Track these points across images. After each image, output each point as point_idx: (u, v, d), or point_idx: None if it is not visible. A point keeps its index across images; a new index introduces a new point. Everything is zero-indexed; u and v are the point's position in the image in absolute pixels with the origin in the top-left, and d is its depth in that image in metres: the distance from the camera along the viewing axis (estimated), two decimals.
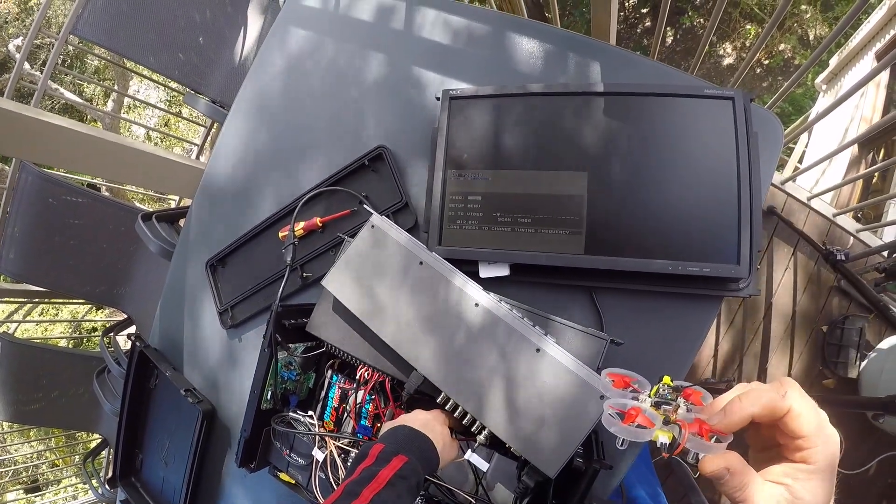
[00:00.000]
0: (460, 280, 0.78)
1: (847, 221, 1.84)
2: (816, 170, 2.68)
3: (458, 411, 0.74)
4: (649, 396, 0.47)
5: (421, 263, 0.79)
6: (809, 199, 1.81)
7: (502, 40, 1.01)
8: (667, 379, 0.47)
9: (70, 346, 4.17)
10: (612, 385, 0.50)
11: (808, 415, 0.39)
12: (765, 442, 0.43)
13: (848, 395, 1.82)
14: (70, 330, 4.52)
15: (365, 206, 1.00)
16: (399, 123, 1.06)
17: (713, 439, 0.41)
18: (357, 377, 0.86)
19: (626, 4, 4.46)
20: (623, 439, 0.45)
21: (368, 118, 1.09)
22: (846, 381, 1.83)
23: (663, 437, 0.43)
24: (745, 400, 0.40)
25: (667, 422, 0.44)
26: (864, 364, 1.79)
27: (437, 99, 0.94)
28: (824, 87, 3.48)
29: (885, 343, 1.77)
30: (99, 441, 2.18)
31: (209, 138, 2.46)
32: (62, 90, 5.82)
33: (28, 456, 3.74)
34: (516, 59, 0.99)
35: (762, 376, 1.87)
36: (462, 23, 1.04)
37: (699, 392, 0.45)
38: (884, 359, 1.73)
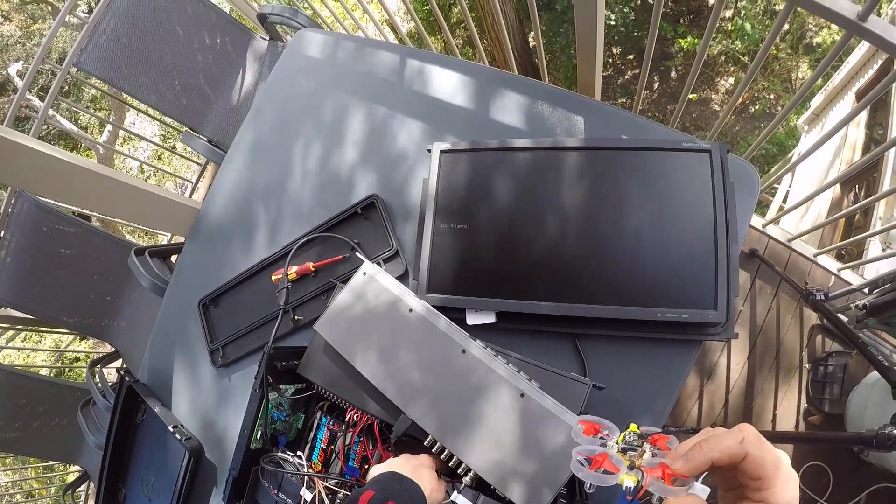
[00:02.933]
0: (448, 327, 0.80)
1: (828, 261, 1.89)
2: (800, 209, 2.74)
3: (444, 454, 0.76)
4: (617, 443, 0.50)
5: (410, 310, 0.82)
6: (790, 240, 1.86)
7: (492, 95, 1.06)
8: (633, 427, 0.50)
9: (52, 374, 4.10)
10: (582, 432, 0.52)
11: (765, 458, 0.42)
12: (730, 483, 0.46)
13: (833, 431, 1.83)
14: (53, 359, 4.45)
15: (357, 252, 1.03)
16: (391, 173, 1.10)
17: (677, 483, 0.44)
18: (346, 419, 0.87)
19: (614, 52, 4.61)
20: (591, 483, 0.48)
21: (362, 167, 1.13)
22: (832, 417, 1.84)
23: (629, 481, 0.45)
24: (706, 446, 0.43)
25: (632, 467, 0.47)
26: (848, 399, 1.81)
27: (429, 151, 0.97)
28: (806, 127, 3.57)
29: (869, 378, 1.79)
30: (79, 473, 2.13)
31: (202, 176, 2.49)
32: (58, 117, 5.86)
33: (3, 484, 3.64)
34: (505, 113, 1.04)
35: (748, 415, 1.89)
36: (455, 77, 1.10)
37: (666, 438, 0.49)
38: (868, 394, 1.75)
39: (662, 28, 3.92)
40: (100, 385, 1.60)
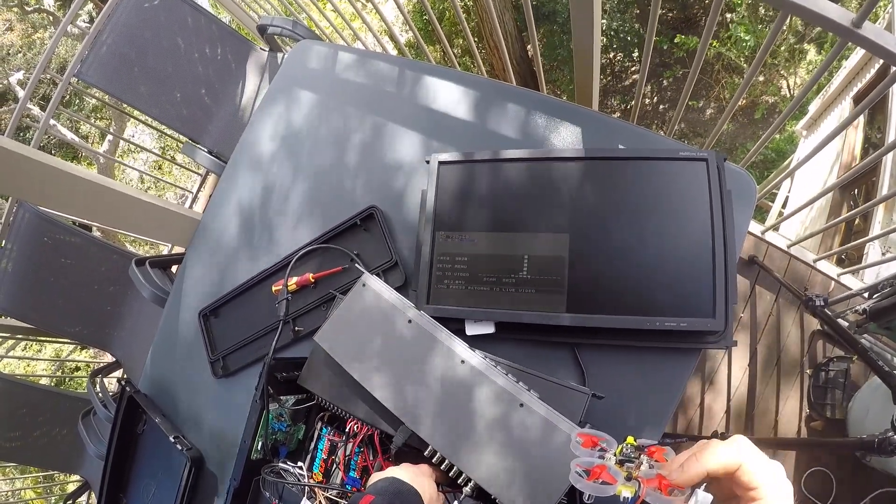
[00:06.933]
0: (447, 338, 0.81)
1: (827, 266, 1.89)
2: (800, 214, 2.74)
3: (444, 464, 0.76)
4: (614, 455, 0.51)
5: (409, 321, 0.82)
6: (789, 246, 1.87)
7: (490, 106, 1.06)
8: (630, 439, 0.52)
9: (53, 384, 4.10)
10: (581, 445, 0.53)
11: (760, 469, 0.43)
12: (726, 493, 0.46)
13: (835, 437, 1.83)
14: (53, 368, 4.45)
15: (356, 264, 1.03)
16: (390, 185, 1.10)
17: (674, 493, 0.45)
18: (346, 430, 0.88)
19: (613, 59, 4.63)
20: (590, 494, 0.49)
21: (361, 178, 1.13)
22: (834, 422, 1.84)
23: (626, 492, 0.47)
24: (701, 457, 0.44)
25: (629, 478, 0.48)
26: (850, 404, 1.81)
27: (427, 162, 0.98)
28: (804, 132, 3.58)
29: (871, 383, 1.79)
30: (80, 483, 2.12)
31: (202, 187, 2.49)
32: (59, 126, 5.88)
33: (2, 493, 3.63)
34: (503, 124, 1.04)
35: (749, 421, 1.89)
36: (453, 88, 1.10)
37: (663, 449, 0.50)
38: (869, 398, 1.75)
39: (660, 37, 3.93)
40: (101, 395, 1.59)
